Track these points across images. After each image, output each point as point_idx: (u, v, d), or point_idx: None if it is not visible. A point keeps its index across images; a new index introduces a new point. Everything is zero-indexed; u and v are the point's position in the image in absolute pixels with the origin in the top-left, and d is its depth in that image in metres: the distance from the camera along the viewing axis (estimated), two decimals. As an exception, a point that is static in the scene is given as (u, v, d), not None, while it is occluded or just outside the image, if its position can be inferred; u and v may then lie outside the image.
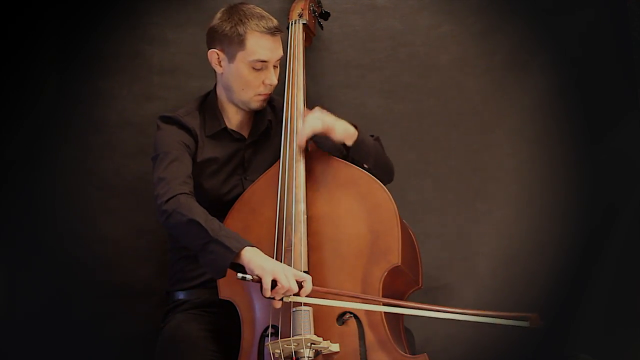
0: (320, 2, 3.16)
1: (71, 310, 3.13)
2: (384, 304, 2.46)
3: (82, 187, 3.17)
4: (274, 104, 2.92)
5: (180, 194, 2.56)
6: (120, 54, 3.23)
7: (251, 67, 2.73)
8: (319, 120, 2.66)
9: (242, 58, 2.73)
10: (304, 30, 2.95)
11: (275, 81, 2.76)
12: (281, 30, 2.77)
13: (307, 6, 3.02)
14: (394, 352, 2.44)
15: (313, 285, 2.47)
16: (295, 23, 2.95)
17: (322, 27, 3.18)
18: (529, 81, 3.30)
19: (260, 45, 2.71)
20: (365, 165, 2.70)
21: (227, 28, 2.73)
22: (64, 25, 3.20)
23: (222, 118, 2.83)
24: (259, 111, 2.86)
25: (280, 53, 2.77)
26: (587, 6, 3.28)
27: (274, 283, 2.40)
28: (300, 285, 2.43)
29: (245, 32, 2.71)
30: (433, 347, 3.10)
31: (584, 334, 3.24)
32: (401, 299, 2.63)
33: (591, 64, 3.29)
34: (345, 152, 2.72)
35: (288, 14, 3.00)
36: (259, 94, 2.77)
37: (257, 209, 2.67)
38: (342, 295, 2.45)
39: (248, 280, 2.39)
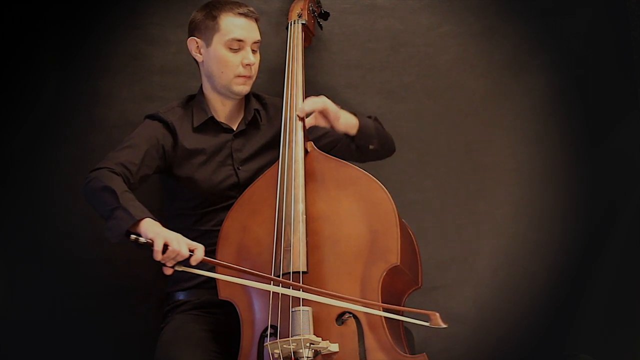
0: (319, 2, 3.16)
1: (71, 310, 3.13)
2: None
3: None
4: (265, 102, 2.97)
5: (106, 168, 2.62)
6: (120, 54, 3.23)
7: (228, 47, 2.79)
8: (321, 102, 2.73)
9: (219, 40, 2.79)
10: (303, 30, 2.95)
11: (253, 59, 2.81)
12: (256, 16, 2.83)
13: (307, 6, 3.02)
14: (394, 352, 2.44)
15: (313, 285, 2.47)
16: (294, 23, 2.95)
17: (321, 27, 3.18)
18: (529, 81, 3.30)
19: (234, 24, 2.78)
20: (371, 147, 2.80)
21: (202, 15, 2.82)
22: (64, 25, 3.20)
23: (209, 109, 2.87)
24: (246, 103, 2.90)
25: (257, 36, 2.82)
26: (587, 6, 3.28)
27: (166, 248, 2.41)
28: (192, 253, 2.44)
29: (219, 15, 2.79)
30: (433, 347, 3.10)
31: (584, 334, 3.24)
32: (400, 299, 2.64)
33: (591, 64, 3.29)
34: (349, 141, 2.80)
35: (287, 14, 3.01)
36: (239, 75, 2.81)
37: (257, 209, 2.67)
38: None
39: (141, 243, 2.41)
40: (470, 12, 3.31)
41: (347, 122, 2.78)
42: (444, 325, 2.39)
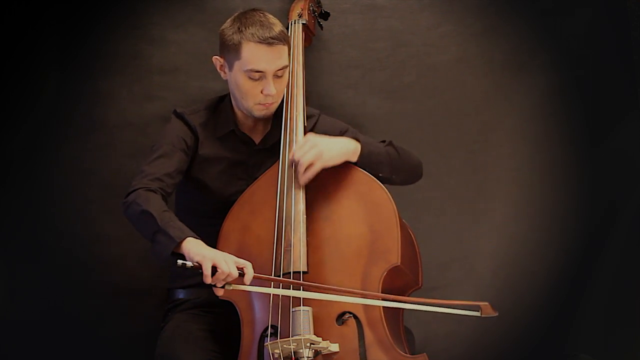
0: (320, 2, 3.16)
1: (71, 310, 3.13)
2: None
3: (82, 187, 3.17)
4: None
5: (142, 188, 2.57)
6: (120, 54, 3.23)
7: (247, 76, 2.68)
8: (309, 156, 2.61)
9: (239, 67, 2.68)
10: (303, 30, 2.95)
11: (273, 91, 2.68)
12: (282, 40, 2.67)
13: (307, 6, 3.02)
14: (394, 351, 2.43)
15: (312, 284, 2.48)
16: (294, 23, 2.95)
17: (321, 27, 3.18)
18: (529, 81, 3.30)
19: (254, 55, 2.65)
20: (380, 175, 2.67)
21: (228, 36, 2.70)
22: (64, 25, 3.20)
23: (233, 120, 2.82)
24: (276, 119, 2.82)
25: (281, 63, 2.68)
26: (587, 6, 3.28)
27: (214, 270, 2.38)
28: (242, 272, 2.41)
29: (240, 41, 2.66)
30: (433, 347, 3.10)
31: (584, 334, 3.24)
32: (401, 299, 2.64)
33: (591, 64, 3.29)
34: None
35: (288, 14, 3.01)
36: (259, 104, 2.72)
37: (257, 209, 2.67)
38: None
39: (188, 267, 2.37)
40: (470, 12, 3.31)
41: (340, 154, 2.64)
42: (495, 314, 2.44)
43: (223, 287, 2.42)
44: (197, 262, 2.38)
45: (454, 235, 3.30)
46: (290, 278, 2.50)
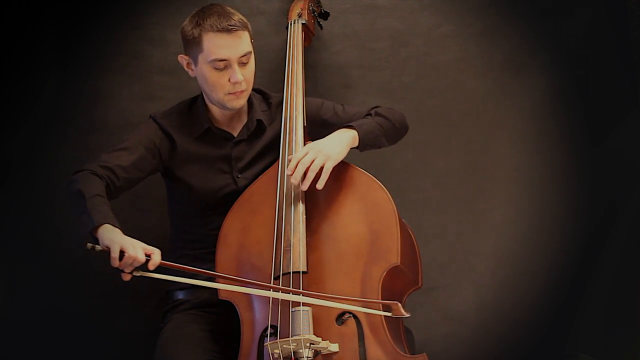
0: (319, 2, 3.16)
1: (71, 310, 3.13)
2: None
3: (82, 187, 3.17)
4: (270, 101, 2.91)
5: (89, 170, 2.61)
6: (120, 54, 3.23)
7: (212, 67, 2.68)
8: (317, 161, 2.61)
9: (203, 60, 2.69)
10: (303, 30, 2.95)
11: (240, 78, 2.68)
12: (241, 26, 2.67)
13: (307, 6, 3.02)
14: (394, 352, 2.43)
15: (312, 284, 2.48)
16: (294, 23, 2.95)
17: (321, 27, 3.18)
18: (529, 81, 3.30)
19: (215, 44, 2.66)
20: (381, 147, 2.78)
21: (188, 31, 2.71)
22: (64, 25, 3.20)
23: (208, 118, 2.82)
24: (249, 109, 2.84)
25: (243, 50, 2.68)
26: (587, 6, 3.28)
27: (122, 254, 2.40)
28: (149, 258, 2.42)
29: (200, 34, 2.67)
30: (433, 347, 3.10)
31: (584, 334, 3.24)
32: (400, 299, 2.63)
33: (591, 64, 3.29)
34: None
35: (287, 14, 3.01)
36: (229, 93, 2.72)
37: (257, 209, 2.67)
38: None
39: (97, 250, 2.39)
40: (470, 12, 3.31)
41: (341, 151, 2.66)
42: (407, 315, 2.46)
43: (131, 273, 2.43)
44: (106, 246, 2.40)
45: (454, 235, 3.30)
46: (289, 278, 2.50)
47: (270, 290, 2.48)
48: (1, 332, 3.07)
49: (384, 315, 2.46)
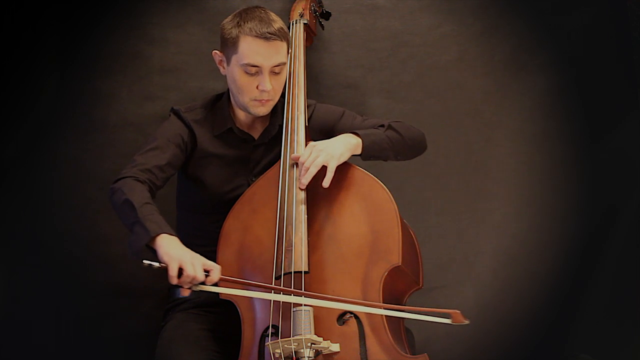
0: (321, 2, 3.16)
1: (71, 310, 3.13)
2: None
3: (82, 187, 3.17)
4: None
5: (130, 177, 2.57)
6: (120, 54, 3.23)
7: (244, 71, 2.66)
8: (320, 159, 2.61)
9: (236, 61, 2.67)
10: (304, 30, 2.95)
11: (268, 87, 2.66)
12: (280, 36, 2.65)
13: (308, 6, 3.02)
14: (394, 352, 2.43)
15: (314, 284, 2.47)
16: (296, 23, 2.96)
17: (323, 27, 3.18)
18: (529, 81, 3.31)
19: (251, 49, 2.64)
20: (386, 160, 2.73)
21: (226, 30, 2.69)
22: (64, 25, 3.20)
23: (231, 118, 2.81)
24: (272, 114, 2.81)
25: (278, 59, 2.66)
26: (587, 6, 3.28)
27: (181, 271, 2.37)
28: (208, 274, 2.40)
29: (238, 35, 2.65)
30: (433, 347, 3.10)
31: (584, 334, 3.24)
32: (401, 299, 2.64)
33: (591, 64, 3.29)
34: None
35: (289, 14, 3.01)
36: (255, 99, 2.70)
37: (258, 209, 2.67)
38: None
39: (155, 268, 2.36)
40: (470, 12, 3.31)
41: (343, 154, 2.64)
42: (467, 322, 2.40)
43: (190, 288, 2.40)
44: (163, 263, 2.37)
45: (454, 235, 3.30)
46: (291, 278, 2.50)
47: (271, 292, 2.48)
48: (1, 332, 3.06)
49: (386, 316, 2.46)
